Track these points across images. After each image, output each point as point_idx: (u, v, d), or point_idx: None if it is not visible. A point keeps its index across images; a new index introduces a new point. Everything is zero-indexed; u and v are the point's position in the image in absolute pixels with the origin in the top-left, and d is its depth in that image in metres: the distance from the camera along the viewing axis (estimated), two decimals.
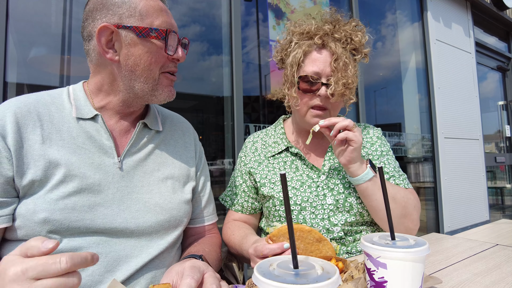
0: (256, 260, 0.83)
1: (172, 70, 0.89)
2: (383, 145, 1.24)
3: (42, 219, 0.74)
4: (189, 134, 1.09)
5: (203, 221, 1.06)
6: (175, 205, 0.92)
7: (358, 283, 0.62)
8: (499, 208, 5.59)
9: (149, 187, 0.89)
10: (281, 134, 1.27)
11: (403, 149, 3.93)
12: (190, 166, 1.02)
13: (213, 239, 1.05)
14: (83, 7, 0.84)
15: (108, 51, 0.82)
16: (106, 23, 0.79)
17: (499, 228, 1.39)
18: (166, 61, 0.86)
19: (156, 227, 0.87)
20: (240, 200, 1.24)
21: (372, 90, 3.69)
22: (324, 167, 1.17)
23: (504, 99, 5.60)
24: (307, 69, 1.10)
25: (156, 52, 0.83)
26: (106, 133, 0.86)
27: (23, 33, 1.83)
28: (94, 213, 0.79)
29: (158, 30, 0.82)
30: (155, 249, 0.86)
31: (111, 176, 0.83)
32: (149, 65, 0.83)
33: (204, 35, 2.59)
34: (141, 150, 0.92)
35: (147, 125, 0.95)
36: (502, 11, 4.97)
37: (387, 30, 4.05)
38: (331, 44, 1.08)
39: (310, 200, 1.11)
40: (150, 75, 0.84)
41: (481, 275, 0.82)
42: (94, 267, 0.77)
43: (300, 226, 0.78)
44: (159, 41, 0.83)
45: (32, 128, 0.79)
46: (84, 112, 0.86)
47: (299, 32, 1.14)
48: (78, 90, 0.90)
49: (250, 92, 2.73)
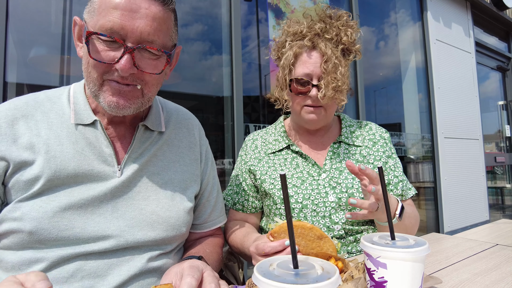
0: (258, 258, 0.83)
1: (115, 79, 0.75)
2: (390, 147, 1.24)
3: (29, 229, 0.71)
4: (195, 132, 1.03)
5: (210, 225, 1.03)
6: (173, 213, 0.87)
7: (358, 283, 0.62)
8: (499, 208, 5.59)
9: (146, 193, 0.85)
10: (282, 132, 1.28)
11: (403, 149, 3.93)
12: (194, 169, 0.98)
13: (216, 240, 1.03)
14: (83, 7, 0.84)
15: (78, 45, 0.80)
16: (77, 17, 0.78)
17: (499, 228, 1.39)
18: (108, 68, 0.74)
19: (151, 236, 0.83)
20: (240, 199, 1.24)
21: (372, 90, 3.69)
22: (326, 165, 1.17)
23: (504, 99, 5.60)
24: (298, 71, 1.12)
25: (87, 54, 0.74)
26: (105, 139, 0.82)
27: (23, 32, 1.83)
28: (85, 221, 0.76)
29: (86, 31, 0.72)
30: (151, 258, 0.83)
31: (109, 184, 0.80)
32: (86, 67, 0.76)
33: (204, 35, 2.59)
34: (142, 155, 0.87)
35: (148, 127, 0.90)
36: (502, 11, 4.97)
37: (387, 30, 4.06)
38: (321, 45, 1.09)
39: (311, 198, 1.11)
40: (89, 78, 0.76)
41: (481, 275, 0.82)
42: (83, 273, 0.75)
43: (301, 223, 0.78)
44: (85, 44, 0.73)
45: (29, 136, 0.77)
46: (83, 117, 0.82)
47: (292, 33, 1.16)
48: (78, 92, 0.86)
49: (250, 92, 2.73)
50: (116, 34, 0.71)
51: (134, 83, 0.77)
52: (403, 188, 1.18)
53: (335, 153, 1.20)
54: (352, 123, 1.30)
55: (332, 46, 1.10)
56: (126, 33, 0.71)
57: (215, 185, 1.05)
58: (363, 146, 1.22)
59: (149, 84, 0.80)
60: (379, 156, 1.19)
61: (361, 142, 1.23)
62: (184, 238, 0.94)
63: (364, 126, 1.29)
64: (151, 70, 0.77)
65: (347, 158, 1.18)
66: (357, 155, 1.20)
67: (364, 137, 1.25)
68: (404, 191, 1.19)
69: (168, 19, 0.78)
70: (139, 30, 0.72)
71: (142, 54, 0.75)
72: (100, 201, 0.79)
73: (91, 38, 0.72)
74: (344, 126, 1.27)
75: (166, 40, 0.78)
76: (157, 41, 0.75)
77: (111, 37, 0.71)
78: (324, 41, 1.11)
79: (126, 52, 0.72)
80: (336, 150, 1.21)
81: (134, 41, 0.73)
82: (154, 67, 0.78)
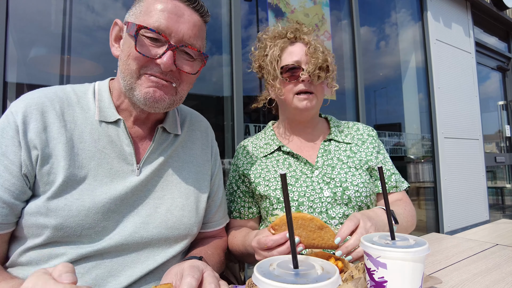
0: (261, 253, 0.83)
1: (155, 74, 0.80)
2: (378, 144, 1.28)
3: (54, 225, 0.73)
4: (207, 134, 1.08)
5: (214, 225, 1.06)
6: (186, 213, 0.91)
7: (358, 283, 0.62)
8: (499, 208, 5.59)
9: (162, 192, 0.89)
10: (271, 135, 1.30)
11: (403, 149, 3.93)
12: (206, 169, 1.02)
13: (219, 242, 1.05)
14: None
15: (114, 45, 0.84)
16: (118, 19, 0.83)
17: (499, 228, 1.39)
18: (148, 62, 0.80)
19: (165, 234, 0.86)
20: (237, 207, 1.24)
21: (372, 90, 3.69)
22: (318, 163, 1.19)
23: (504, 99, 5.60)
24: (286, 60, 1.18)
25: (132, 47, 0.78)
26: (127, 138, 0.85)
27: (23, 32, 1.83)
28: (107, 220, 0.79)
29: (134, 26, 0.77)
30: (161, 256, 0.85)
31: (128, 183, 0.83)
32: (126, 59, 0.80)
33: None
34: (160, 156, 0.91)
35: (166, 129, 0.94)
36: (502, 11, 4.97)
37: (387, 30, 4.05)
38: (303, 37, 1.18)
39: (307, 195, 1.12)
40: (127, 70, 0.80)
41: (481, 275, 0.82)
42: (97, 271, 0.77)
43: (301, 215, 0.78)
44: (132, 37, 0.78)
45: (57, 127, 0.79)
46: (107, 115, 0.85)
47: (271, 37, 1.23)
48: (103, 90, 0.89)
49: (250, 92, 2.73)
50: (162, 32, 0.78)
51: (171, 80, 0.83)
52: (397, 180, 1.23)
53: (326, 150, 1.23)
54: (339, 124, 1.34)
55: (312, 37, 1.18)
56: (170, 32, 0.79)
57: (220, 186, 1.09)
58: (353, 144, 1.25)
59: (184, 83, 0.86)
60: (370, 152, 1.23)
61: (350, 140, 1.27)
62: (193, 238, 0.96)
63: (352, 126, 1.33)
64: (188, 70, 0.84)
65: (338, 154, 1.22)
66: (347, 151, 1.23)
67: (353, 136, 1.29)
68: (398, 183, 1.23)
69: (204, 29, 0.88)
70: (182, 32, 0.80)
71: (181, 55, 0.83)
72: (121, 200, 0.81)
73: (139, 33, 0.77)
74: (332, 126, 1.31)
75: (201, 46, 0.87)
76: (195, 45, 0.83)
77: (158, 33, 0.78)
78: (304, 34, 1.19)
79: (169, 49, 0.79)
80: (327, 147, 1.24)
81: (177, 41, 0.80)
82: (191, 67, 0.85)
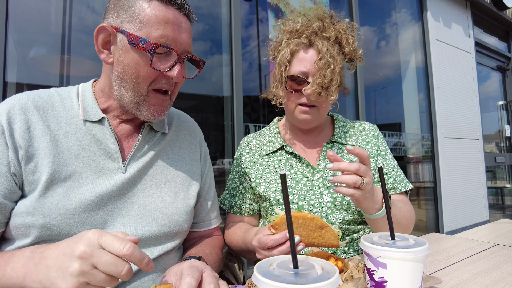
0: (261, 252, 0.83)
1: (163, 87, 0.83)
2: (380, 144, 1.24)
3: (41, 224, 0.73)
4: (195, 134, 1.08)
5: (207, 224, 1.06)
6: (176, 210, 0.91)
7: (358, 283, 0.62)
8: (499, 208, 5.59)
9: (151, 190, 0.89)
10: (275, 133, 1.28)
11: (403, 149, 3.93)
12: (195, 168, 1.01)
13: (215, 241, 1.05)
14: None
15: (103, 52, 0.82)
16: (105, 24, 0.80)
17: (499, 228, 1.39)
18: (158, 76, 0.81)
19: (155, 232, 0.86)
20: (238, 202, 1.24)
21: (372, 90, 3.69)
22: (320, 166, 1.17)
23: (504, 99, 5.60)
24: (294, 68, 1.12)
25: (143, 64, 0.78)
26: (112, 136, 0.85)
27: (23, 32, 1.83)
28: (94, 218, 0.79)
29: (147, 42, 0.76)
30: (152, 253, 0.85)
31: (114, 180, 0.83)
32: (136, 77, 0.79)
33: (204, 34, 2.58)
34: (147, 153, 0.91)
35: (152, 127, 0.94)
36: (502, 11, 4.97)
37: (387, 30, 4.05)
38: (318, 43, 1.09)
39: (307, 199, 1.11)
40: (136, 88, 0.81)
41: (481, 275, 0.82)
42: None
43: (302, 214, 0.78)
44: (146, 53, 0.78)
45: (41, 127, 0.79)
46: (91, 114, 0.85)
47: (288, 31, 1.16)
48: (87, 91, 0.89)
49: (250, 92, 2.72)
50: (170, 46, 0.79)
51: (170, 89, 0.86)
52: (395, 181, 1.17)
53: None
54: (345, 123, 1.30)
55: (328, 45, 1.09)
56: (176, 45, 0.80)
57: (212, 186, 1.09)
58: (356, 146, 1.22)
59: (176, 89, 0.89)
60: (373, 154, 1.20)
61: (354, 141, 1.24)
62: (184, 235, 0.97)
63: (358, 127, 1.29)
64: (190, 77, 0.88)
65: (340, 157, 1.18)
66: (350, 154, 1.19)
67: (358, 137, 1.25)
68: (395, 184, 1.17)
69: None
70: (184, 42, 0.82)
71: (183, 63, 0.85)
72: (108, 198, 0.81)
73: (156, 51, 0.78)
74: (337, 126, 1.28)
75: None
76: (192, 51, 0.86)
77: (171, 49, 0.79)
78: (321, 39, 1.10)
79: (178, 61, 0.81)
80: (329, 150, 1.20)
81: (182, 52, 0.82)
82: (191, 74, 0.90)
